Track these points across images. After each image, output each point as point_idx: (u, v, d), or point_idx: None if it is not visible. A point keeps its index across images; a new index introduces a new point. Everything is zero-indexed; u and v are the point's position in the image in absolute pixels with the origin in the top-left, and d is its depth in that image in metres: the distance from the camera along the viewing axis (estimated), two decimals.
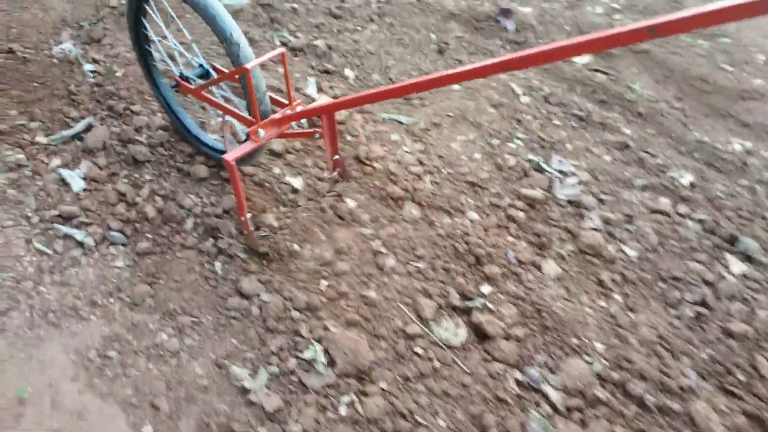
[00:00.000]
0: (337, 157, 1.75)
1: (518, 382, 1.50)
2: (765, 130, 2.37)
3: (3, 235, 1.75)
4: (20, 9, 2.65)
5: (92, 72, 2.33)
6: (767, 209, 2.00)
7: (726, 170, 2.15)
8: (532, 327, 1.61)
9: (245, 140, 1.63)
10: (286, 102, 1.66)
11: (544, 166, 2.06)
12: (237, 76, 1.58)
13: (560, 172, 2.04)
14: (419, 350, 1.55)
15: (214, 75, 1.80)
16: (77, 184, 1.90)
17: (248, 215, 1.66)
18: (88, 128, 2.09)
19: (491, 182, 2.01)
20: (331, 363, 1.51)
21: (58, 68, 2.35)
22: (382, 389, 1.47)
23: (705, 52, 2.69)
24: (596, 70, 2.57)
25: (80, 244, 1.74)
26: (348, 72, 2.48)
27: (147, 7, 1.82)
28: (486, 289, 1.67)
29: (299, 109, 1.62)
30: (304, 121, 2.00)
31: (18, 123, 2.09)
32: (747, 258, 1.81)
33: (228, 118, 1.76)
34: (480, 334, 1.58)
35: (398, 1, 2.95)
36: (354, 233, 1.81)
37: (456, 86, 2.44)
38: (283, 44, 2.62)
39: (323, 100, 1.63)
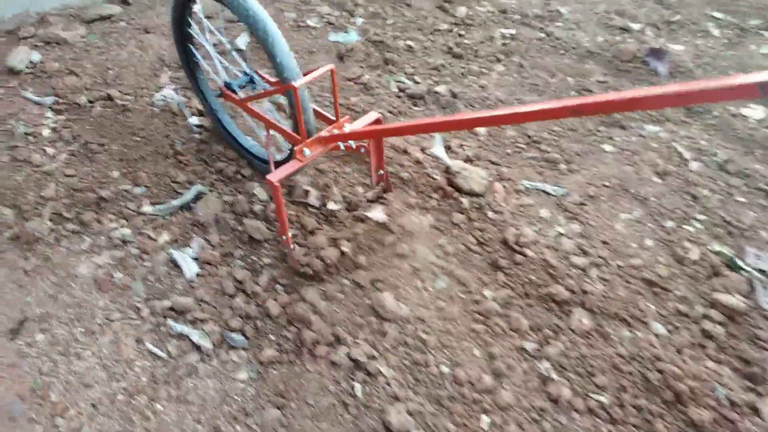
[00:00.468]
0: (381, 172, 1.81)
1: None
2: None
3: (110, 330, 1.56)
4: (117, 47, 2.50)
5: (197, 127, 2.13)
6: None
7: None
8: None
9: (288, 156, 1.66)
10: (333, 118, 1.66)
11: (738, 262, 1.71)
12: (283, 93, 1.59)
13: (760, 271, 1.69)
14: None
15: (260, 82, 1.80)
16: (190, 268, 1.70)
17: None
18: (198, 197, 1.89)
19: (674, 281, 1.68)
20: None
21: (160, 119, 2.18)
22: None
23: None
24: None
25: (197, 347, 1.53)
26: (481, 129, 2.19)
27: (190, 18, 1.82)
28: None
29: (347, 126, 1.62)
30: None
31: (122, 188, 1.91)
32: None
33: (273, 132, 1.73)
34: None
35: (525, 36, 2.65)
36: (512, 347, 1.53)
37: (609, 147, 2.12)
38: (401, 90, 2.36)
39: (371, 116, 1.66)
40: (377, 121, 1.66)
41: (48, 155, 2.03)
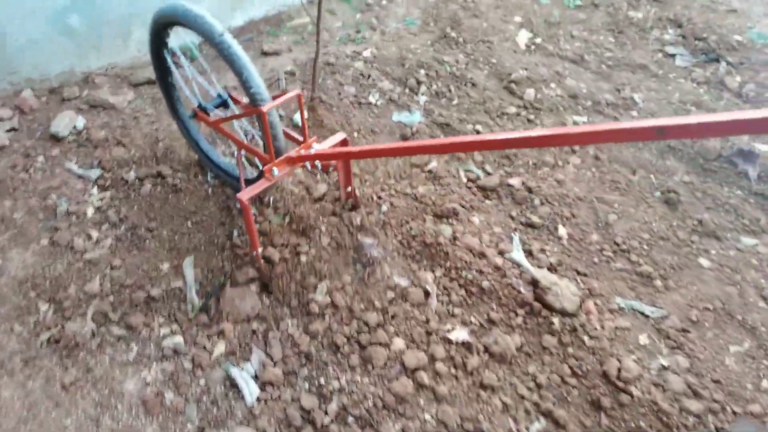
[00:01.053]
0: (350, 188, 1.95)
1: None
2: None
3: None
4: (167, 115, 2.40)
5: (255, 215, 1.99)
6: None
7: None
8: None
9: (259, 175, 1.76)
10: (299, 139, 1.78)
11: None
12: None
13: None
14: None
15: (232, 105, 1.90)
16: (251, 390, 1.53)
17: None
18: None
19: None
20: None
21: (214, 203, 2.05)
22: None
23: None
24: None
25: None
26: (561, 230, 2.05)
27: (167, 40, 1.93)
28: None
29: (315, 146, 1.73)
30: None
31: (174, 285, 1.76)
32: None
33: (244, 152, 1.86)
34: None
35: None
36: None
37: (706, 262, 1.97)
38: (471, 181, 2.23)
39: (338, 137, 1.78)
40: (344, 142, 1.78)
41: (92, 240, 1.89)
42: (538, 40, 3.10)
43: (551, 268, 1.91)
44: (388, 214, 2.02)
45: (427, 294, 1.78)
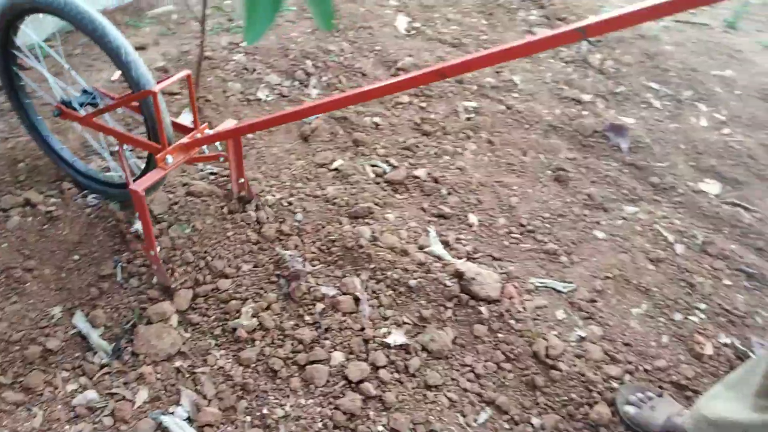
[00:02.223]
0: (242, 180, 1.90)
1: None
2: None
3: None
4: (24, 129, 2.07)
5: (158, 234, 1.81)
6: None
7: None
8: None
9: (146, 167, 1.72)
10: (189, 126, 1.71)
11: (750, 353, 1.81)
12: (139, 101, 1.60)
13: None
14: None
15: (101, 99, 1.78)
16: None
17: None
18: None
19: (700, 383, 1.73)
20: None
21: (101, 228, 1.83)
22: None
23: None
24: (734, 204, 2.39)
25: None
26: (471, 217, 2.12)
27: (15, 38, 1.74)
28: None
29: (207, 132, 1.67)
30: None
31: (74, 332, 1.55)
32: None
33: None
34: None
35: (488, 109, 2.65)
36: None
37: (600, 233, 2.16)
38: (378, 176, 2.22)
39: (229, 123, 1.73)
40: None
41: None
42: (417, 25, 3.15)
43: (469, 257, 1.98)
44: (303, 221, 1.94)
45: (357, 300, 1.76)
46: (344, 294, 1.77)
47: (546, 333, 1.78)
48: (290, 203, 2.01)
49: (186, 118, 2.09)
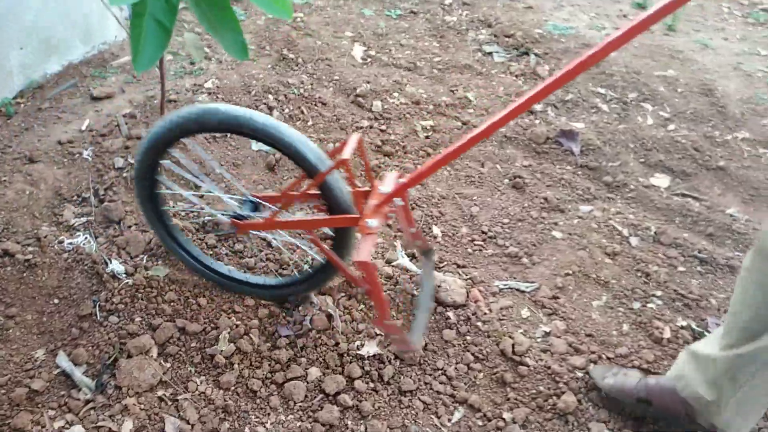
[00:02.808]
0: (413, 230, 1.77)
1: None
2: None
3: None
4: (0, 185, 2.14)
5: (126, 274, 1.88)
6: None
7: None
8: None
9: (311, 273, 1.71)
10: (366, 189, 1.61)
11: (706, 333, 1.91)
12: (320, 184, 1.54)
13: None
14: None
15: (264, 204, 1.72)
16: None
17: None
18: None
19: (661, 365, 1.82)
20: None
21: (79, 272, 1.90)
22: None
23: None
24: (683, 195, 2.52)
25: None
26: (435, 229, 2.22)
27: (160, 163, 1.70)
28: None
29: (382, 189, 1.57)
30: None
31: (57, 372, 1.61)
32: None
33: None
34: None
35: (444, 126, 2.78)
36: None
37: (558, 234, 2.27)
38: None
39: (390, 177, 1.61)
40: (401, 187, 1.58)
41: None
42: (373, 53, 3.28)
43: (436, 267, 2.07)
44: (276, 245, 2.03)
45: (330, 317, 1.83)
46: (318, 311, 1.85)
47: (512, 332, 1.87)
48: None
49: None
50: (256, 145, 2.50)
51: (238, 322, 1.78)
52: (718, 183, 2.63)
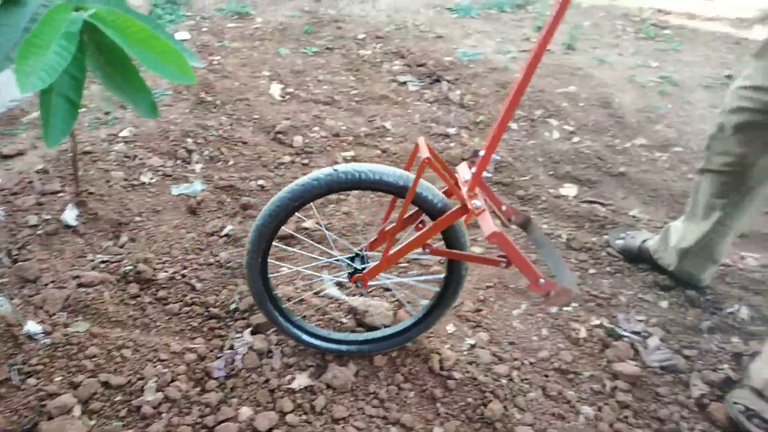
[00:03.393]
0: (504, 207, 1.69)
1: None
2: None
3: None
4: None
5: (44, 334, 1.82)
6: None
7: (763, 291, 2.32)
8: None
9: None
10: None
11: (618, 330, 2.03)
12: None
13: (635, 333, 2.03)
14: None
15: (364, 254, 1.74)
16: None
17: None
18: None
19: (579, 364, 1.92)
20: None
21: None
22: None
23: (668, 164, 2.98)
24: (590, 202, 2.68)
25: None
26: None
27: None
28: None
29: (464, 177, 1.59)
30: None
31: None
32: None
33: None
34: None
35: (365, 155, 2.85)
36: None
37: (478, 249, 2.36)
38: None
39: (463, 166, 1.64)
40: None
41: None
42: (291, 90, 3.34)
43: (362, 293, 2.12)
44: (200, 289, 2.01)
45: (261, 355, 1.83)
46: (249, 350, 1.84)
47: (439, 348, 1.93)
48: (184, 276, 2.07)
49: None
50: (176, 190, 2.49)
51: (165, 370, 1.75)
52: (621, 188, 2.82)
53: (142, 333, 1.89)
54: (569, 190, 2.77)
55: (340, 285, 2.14)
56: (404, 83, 3.52)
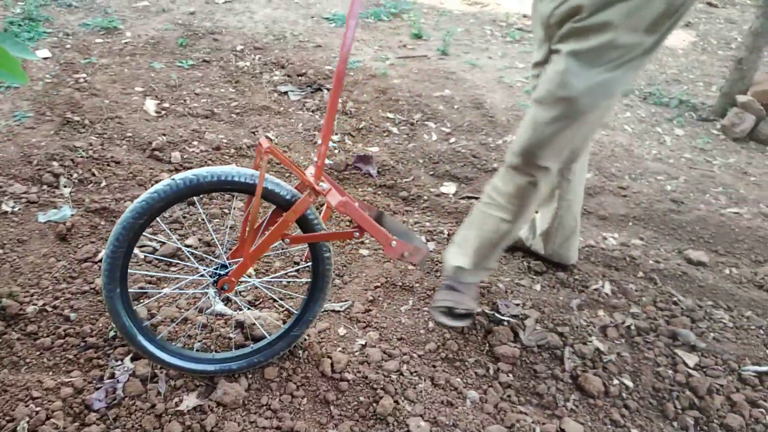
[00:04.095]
0: (357, 204, 1.69)
1: None
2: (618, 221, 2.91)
3: None
4: None
5: None
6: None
7: (622, 267, 2.57)
8: None
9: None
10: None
11: (498, 315, 2.16)
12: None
13: (514, 316, 2.17)
14: None
15: (228, 263, 1.70)
16: None
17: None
18: None
19: (465, 352, 2.02)
20: None
21: None
22: None
23: None
24: (468, 197, 2.83)
25: None
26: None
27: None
28: None
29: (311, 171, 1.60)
30: None
31: None
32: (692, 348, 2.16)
33: None
34: None
35: (249, 167, 2.81)
36: None
37: (365, 251, 2.42)
38: (149, 254, 2.24)
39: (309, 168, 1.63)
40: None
41: None
42: (167, 105, 3.23)
43: (252, 305, 2.09)
44: (75, 319, 1.89)
45: (144, 381, 1.76)
46: (131, 376, 1.76)
47: (331, 351, 1.95)
48: (56, 307, 1.94)
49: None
50: (43, 217, 2.32)
51: (38, 408, 1.63)
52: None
53: (10, 372, 1.75)
54: (449, 188, 2.91)
55: (227, 301, 2.11)
56: (285, 93, 3.52)
